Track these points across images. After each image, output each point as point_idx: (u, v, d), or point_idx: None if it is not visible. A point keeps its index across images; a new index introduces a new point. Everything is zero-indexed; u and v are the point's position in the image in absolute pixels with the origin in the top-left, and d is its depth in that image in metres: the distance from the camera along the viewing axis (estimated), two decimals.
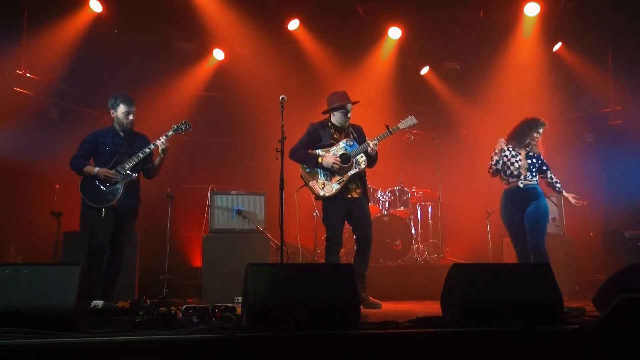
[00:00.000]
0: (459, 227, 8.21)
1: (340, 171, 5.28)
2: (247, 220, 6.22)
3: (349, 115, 5.42)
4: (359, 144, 5.35)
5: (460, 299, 3.50)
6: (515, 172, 5.34)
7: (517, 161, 5.37)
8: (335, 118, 5.46)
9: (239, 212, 6.25)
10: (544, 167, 5.50)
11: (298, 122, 6.47)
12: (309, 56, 8.56)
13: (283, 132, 4.80)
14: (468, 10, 8.12)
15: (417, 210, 7.93)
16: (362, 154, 5.31)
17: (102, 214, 4.78)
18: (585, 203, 5.68)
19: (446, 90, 9.30)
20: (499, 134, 6.06)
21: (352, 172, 5.30)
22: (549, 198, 6.25)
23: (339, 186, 5.27)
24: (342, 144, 5.38)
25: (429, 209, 8.05)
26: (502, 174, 5.43)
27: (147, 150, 4.96)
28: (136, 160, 4.94)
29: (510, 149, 5.42)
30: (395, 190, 7.59)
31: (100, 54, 7.47)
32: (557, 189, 5.55)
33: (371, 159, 5.37)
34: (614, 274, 4.05)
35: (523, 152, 5.43)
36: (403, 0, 7.90)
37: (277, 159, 4.76)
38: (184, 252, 7.57)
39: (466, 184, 8.28)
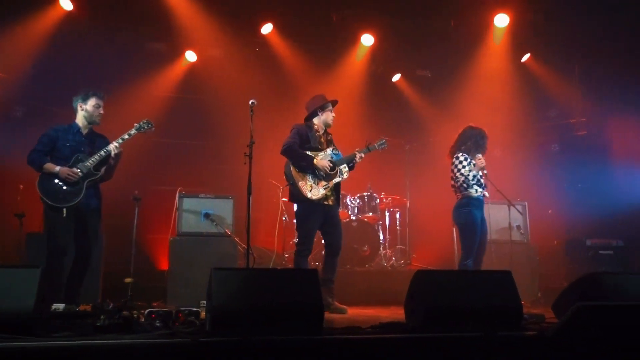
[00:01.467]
0: (426, 234, 8.30)
1: (327, 177, 5.37)
2: (215, 223, 6.19)
3: (333, 115, 5.55)
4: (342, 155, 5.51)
5: (422, 305, 3.53)
6: (484, 186, 5.58)
7: (482, 176, 5.60)
8: (322, 119, 5.55)
9: (207, 215, 6.22)
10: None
11: (268, 127, 6.50)
12: (281, 61, 8.57)
13: (252, 137, 4.81)
14: (439, 19, 8.22)
15: (385, 216, 8.00)
16: (345, 165, 5.47)
17: (63, 214, 4.60)
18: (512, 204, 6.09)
19: (417, 97, 9.41)
20: None
21: (336, 179, 5.43)
22: (513, 206, 6.39)
23: (324, 191, 5.34)
24: (329, 151, 5.49)
25: (397, 215, 8.12)
26: (468, 184, 5.53)
27: (96, 157, 4.77)
28: (99, 159, 4.76)
29: (470, 161, 5.55)
30: (364, 196, 7.64)
31: (70, 53, 7.36)
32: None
33: (351, 170, 5.56)
34: (573, 281, 4.14)
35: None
36: (376, 7, 7.94)
37: (245, 163, 4.76)
38: (150, 255, 7.48)
39: (434, 190, 8.35)
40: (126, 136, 4.88)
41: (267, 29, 8.20)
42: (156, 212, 7.04)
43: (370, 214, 7.60)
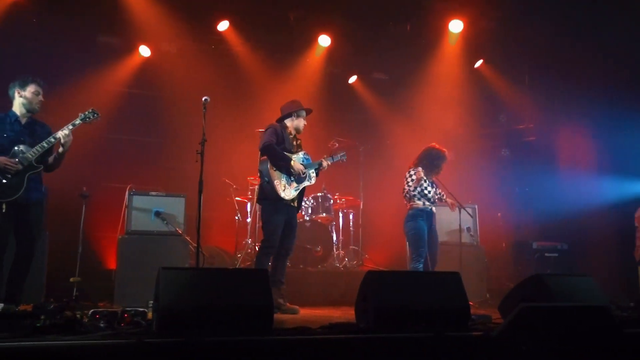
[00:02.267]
0: (379, 235, 8.37)
1: (298, 180, 5.50)
2: (166, 222, 6.08)
3: (305, 121, 5.73)
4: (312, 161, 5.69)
5: (373, 306, 3.55)
6: (432, 200, 6.10)
7: (431, 190, 6.08)
8: (295, 123, 5.67)
9: (157, 213, 6.10)
10: (439, 192, 6.27)
11: (222, 125, 6.42)
12: (237, 59, 8.49)
13: (204, 134, 4.74)
14: (396, 22, 8.31)
15: (339, 217, 8.02)
16: (314, 170, 5.66)
17: (2, 209, 4.35)
18: (454, 205, 6.34)
19: (373, 99, 9.48)
20: (422, 145, 6.28)
21: (306, 183, 5.62)
22: (464, 209, 6.51)
23: (295, 193, 5.50)
24: (300, 155, 5.63)
25: (351, 216, 8.15)
26: (415, 197, 6.00)
27: (51, 139, 4.51)
28: (40, 150, 4.48)
29: (425, 178, 6.02)
30: (318, 197, 7.64)
31: (16, 44, 7.07)
32: (443, 199, 6.31)
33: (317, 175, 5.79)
34: (518, 283, 4.25)
35: (430, 181, 6.13)
36: (333, 9, 7.96)
37: (197, 161, 4.69)
38: (98, 254, 7.27)
39: (388, 192, 8.45)
40: (71, 126, 4.59)
41: (223, 25, 8.11)
42: (105, 209, 6.85)
43: (324, 214, 7.61)
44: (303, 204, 7.51)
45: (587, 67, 7.76)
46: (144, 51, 8.24)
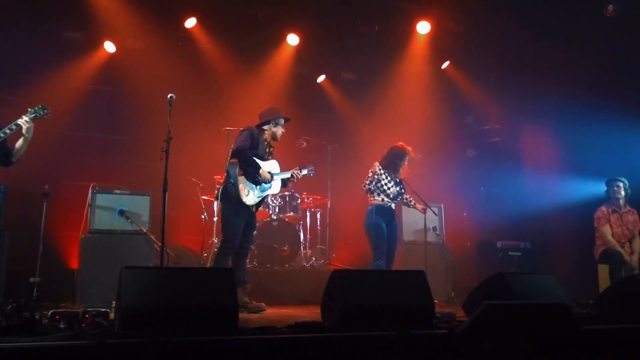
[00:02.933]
0: (347, 234, 8.39)
1: (262, 188, 5.51)
2: (130, 221, 5.98)
3: (283, 130, 5.74)
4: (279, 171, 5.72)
5: (338, 304, 3.56)
6: (391, 196, 6.10)
7: (391, 187, 6.09)
8: (272, 130, 5.67)
9: (121, 212, 6.00)
10: (403, 192, 6.31)
11: (188, 123, 6.35)
12: (204, 56, 8.40)
13: (169, 132, 4.69)
14: (364, 23, 8.34)
15: (306, 216, 8.02)
16: (279, 180, 5.70)
17: None
18: (424, 210, 6.51)
19: (341, 99, 9.50)
20: (389, 145, 6.32)
21: (269, 192, 5.66)
22: (429, 208, 6.57)
23: (257, 200, 5.52)
24: (270, 163, 5.64)
25: (318, 215, 8.16)
26: (375, 193, 6.06)
27: (7, 130, 4.42)
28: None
29: (386, 174, 6.09)
30: (285, 196, 7.61)
31: None
32: (410, 205, 6.49)
33: (284, 185, 5.90)
34: (482, 281, 4.31)
35: (393, 179, 6.16)
36: (302, 8, 7.95)
37: (161, 159, 4.63)
38: (59, 254, 7.08)
39: (355, 192, 8.47)
40: (19, 121, 4.48)
41: (190, 22, 8.01)
42: (67, 208, 6.70)
43: (291, 213, 7.59)
44: (270, 203, 7.50)
45: (551, 69, 7.93)
46: (109, 47, 8.09)
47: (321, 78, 9.38)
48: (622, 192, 6.56)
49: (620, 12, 6.91)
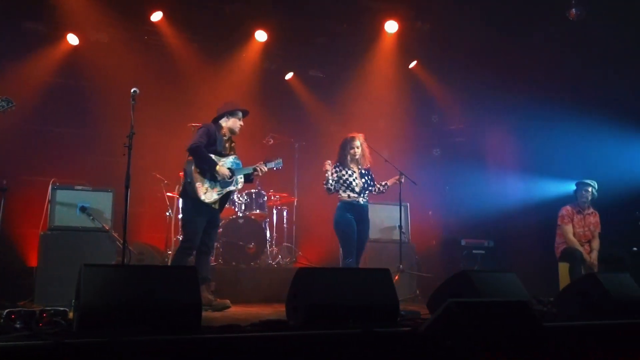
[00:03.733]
0: (313, 232, 8.39)
1: (222, 184, 5.34)
2: (91, 217, 5.86)
3: (241, 123, 5.53)
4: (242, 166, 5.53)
5: (303, 303, 3.55)
6: (357, 190, 5.90)
7: (354, 180, 5.90)
8: (229, 124, 5.48)
9: (83, 208, 5.87)
10: (372, 182, 6.08)
11: (152, 118, 6.26)
12: (171, 51, 8.27)
13: (132, 127, 4.60)
14: (333, 21, 8.34)
15: (273, 213, 7.98)
16: (242, 176, 5.50)
17: None
18: (401, 180, 6.24)
19: (309, 97, 9.48)
20: None
21: (230, 188, 5.44)
22: (405, 176, 6.32)
23: (217, 197, 5.35)
24: (231, 158, 5.45)
25: (285, 213, 8.13)
26: (341, 189, 5.89)
27: None
28: None
29: (345, 169, 5.92)
30: (252, 193, 7.56)
31: None
32: (385, 188, 6.22)
33: (249, 181, 5.74)
34: (446, 279, 4.35)
35: (357, 171, 5.97)
36: (270, 4, 7.90)
37: (124, 154, 4.54)
38: (17, 251, 6.91)
39: (322, 189, 8.49)
40: None
41: (156, 16, 7.87)
42: (26, 204, 6.53)
43: (258, 211, 7.54)
44: (236, 200, 7.44)
45: (514, 71, 8.06)
46: (72, 40, 7.91)
47: (289, 75, 9.34)
48: (590, 196, 6.72)
49: (582, 16, 7.07)
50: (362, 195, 5.94)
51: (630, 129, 7.04)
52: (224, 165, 5.31)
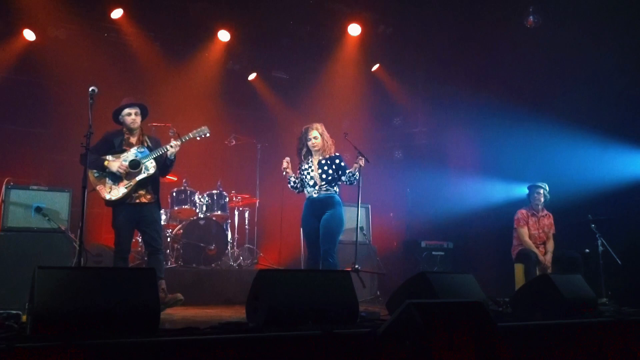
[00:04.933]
0: (275, 233, 8.38)
1: (128, 176, 5.18)
2: (47, 218, 5.71)
3: (134, 116, 5.28)
4: (151, 151, 5.27)
5: (264, 304, 3.54)
6: (311, 183, 5.48)
7: (309, 172, 5.51)
8: (124, 122, 5.30)
9: (38, 209, 5.72)
10: (340, 171, 5.50)
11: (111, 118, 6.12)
12: (131, 49, 8.14)
13: (90, 127, 4.52)
14: (296, 22, 8.35)
15: (234, 215, 7.94)
16: (152, 160, 5.23)
17: None
18: (361, 162, 5.47)
19: (272, 97, 9.46)
20: None
21: (140, 177, 5.20)
22: (364, 157, 5.62)
23: (126, 190, 5.16)
24: (133, 150, 5.24)
25: (247, 214, 8.10)
26: (303, 187, 5.58)
27: None
28: None
29: (304, 163, 5.59)
30: (213, 194, 7.51)
31: None
32: (354, 178, 5.47)
33: (165, 166, 5.34)
34: (405, 280, 4.41)
35: (316, 161, 5.54)
36: (233, 4, 7.86)
37: (82, 154, 4.45)
38: None
39: (285, 191, 8.48)
40: None
41: (117, 13, 7.73)
42: None
43: (219, 212, 7.50)
44: (197, 201, 7.37)
45: (474, 75, 8.24)
46: (29, 35, 7.69)
47: (252, 76, 9.31)
48: (542, 198, 6.89)
49: (539, 24, 7.27)
50: (316, 187, 5.45)
51: (583, 132, 7.25)
52: (125, 159, 5.15)
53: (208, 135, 5.48)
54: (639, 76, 6.93)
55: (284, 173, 5.54)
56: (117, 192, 5.14)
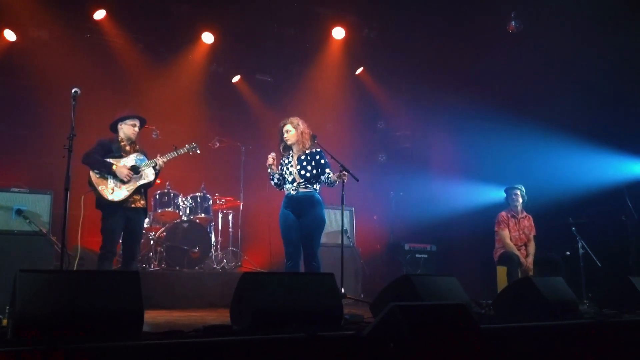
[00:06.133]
0: (258, 236, 8.34)
1: (130, 180, 5.35)
2: (28, 221, 5.65)
3: (136, 128, 5.53)
4: (148, 159, 5.54)
5: (248, 307, 3.54)
6: (290, 179, 5.26)
7: (289, 167, 5.29)
8: (124, 130, 5.50)
9: (19, 211, 5.66)
10: (319, 169, 5.24)
11: (94, 120, 6.12)
12: (114, 50, 8.07)
13: (73, 129, 4.49)
14: (281, 25, 8.36)
15: (218, 217, 7.91)
16: (150, 167, 5.47)
17: None
18: (345, 178, 5.19)
19: (256, 100, 9.44)
20: None
21: (140, 182, 5.42)
22: (349, 172, 5.32)
23: (127, 193, 5.34)
24: (132, 156, 5.47)
25: (230, 217, 8.07)
26: (284, 183, 5.37)
27: None
28: None
29: (284, 158, 5.39)
30: (197, 197, 7.48)
31: None
32: (333, 185, 5.26)
33: (157, 174, 5.59)
34: (389, 283, 4.43)
35: (295, 156, 5.32)
36: (217, 6, 7.84)
37: (64, 156, 4.41)
38: None
39: (269, 194, 8.47)
40: None
41: (99, 14, 7.68)
42: None
43: (203, 215, 7.47)
44: (181, 203, 7.33)
45: (456, 79, 8.32)
46: (9, 36, 7.60)
47: (236, 78, 9.29)
48: (520, 200, 6.98)
49: (520, 29, 7.37)
50: (294, 184, 5.22)
51: (564, 136, 7.36)
52: (124, 163, 5.35)
53: (198, 152, 5.87)
54: (620, 80, 7.04)
55: (269, 170, 5.34)
56: (119, 193, 5.29)
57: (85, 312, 3.05)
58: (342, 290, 5.15)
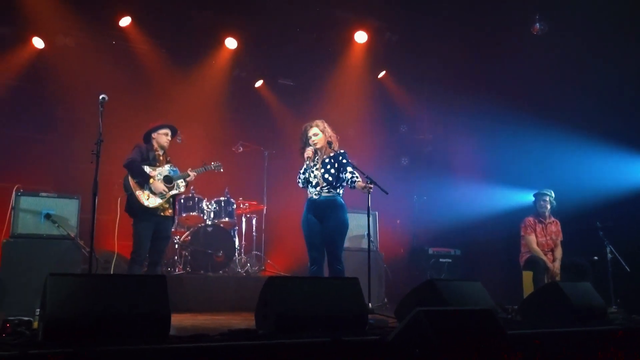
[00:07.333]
0: (282, 240, 8.38)
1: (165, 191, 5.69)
2: (57, 225, 5.75)
3: (169, 137, 5.86)
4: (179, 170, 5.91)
5: (273, 312, 3.55)
6: (314, 182, 5.17)
7: (313, 171, 5.18)
8: (157, 141, 5.81)
9: (48, 215, 5.77)
10: (342, 170, 5.14)
11: (120, 125, 6.22)
12: (139, 57, 8.18)
13: (100, 134, 4.56)
14: (303, 31, 8.38)
15: (242, 221, 7.95)
16: (182, 179, 5.83)
17: None
18: (370, 189, 5.12)
19: (279, 105, 9.48)
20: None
21: (173, 192, 5.77)
22: (375, 184, 5.22)
23: (161, 201, 5.66)
24: (167, 167, 5.80)
25: (254, 221, 8.10)
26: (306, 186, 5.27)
27: None
28: None
29: (311, 160, 5.21)
30: (221, 201, 7.53)
31: None
32: (352, 185, 5.13)
33: (186, 185, 6.03)
34: (413, 288, 4.41)
35: (320, 160, 5.22)
36: (240, 12, 7.89)
37: (92, 161, 4.48)
38: None
39: (292, 197, 8.49)
40: None
41: (125, 21, 7.79)
42: None
43: (227, 219, 7.51)
44: (205, 208, 7.39)
45: (480, 82, 8.25)
46: (38, 43, 7.75)
47: (259, 83, 9.34)
48: (548, 206, 6.88)
49: (545, 31, 7.29)
50: (317, 188, 5.13)
51: (590, 139, 7.25)
52: (160, 175, 5.67)
53: (222, 170, 6.43)
54: None
55: (306, 162, 5.12)
56: (154, 200, 5.60)
57: (114, 315, 3.09)
58: (370, 305, 5.04)
